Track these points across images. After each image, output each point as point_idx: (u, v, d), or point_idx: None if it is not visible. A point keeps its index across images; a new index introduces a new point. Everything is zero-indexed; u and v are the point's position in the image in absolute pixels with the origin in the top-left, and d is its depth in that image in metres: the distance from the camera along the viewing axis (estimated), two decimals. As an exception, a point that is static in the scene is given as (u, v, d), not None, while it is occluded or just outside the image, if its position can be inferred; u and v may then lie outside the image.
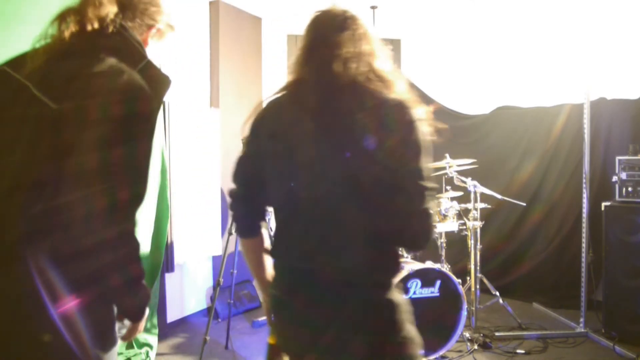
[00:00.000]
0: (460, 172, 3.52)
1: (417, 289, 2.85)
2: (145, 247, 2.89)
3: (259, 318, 3.80)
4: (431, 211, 1.09)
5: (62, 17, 1.14)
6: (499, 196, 3.57)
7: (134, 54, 1.12)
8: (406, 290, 2.82)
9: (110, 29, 1.12)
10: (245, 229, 1.37)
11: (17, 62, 1.14)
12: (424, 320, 2.05)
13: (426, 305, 2.83)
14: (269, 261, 1.36)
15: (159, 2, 1.25)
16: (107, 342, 1.19)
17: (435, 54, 4.90)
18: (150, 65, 1.13)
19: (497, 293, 3.59)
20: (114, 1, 1.16)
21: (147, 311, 1.30)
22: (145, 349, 2.95)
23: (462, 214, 3.48)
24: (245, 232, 1.37)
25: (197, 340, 3.32)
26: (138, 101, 1.05)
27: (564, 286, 4.04)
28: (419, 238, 1.11)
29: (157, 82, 1.13)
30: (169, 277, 3.58)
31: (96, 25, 1.11)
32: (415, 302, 2.81)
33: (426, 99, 4.55)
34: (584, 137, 3.47)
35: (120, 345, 2.02)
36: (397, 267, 1.16)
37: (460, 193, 3.53)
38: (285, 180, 1.18)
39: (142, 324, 1.27)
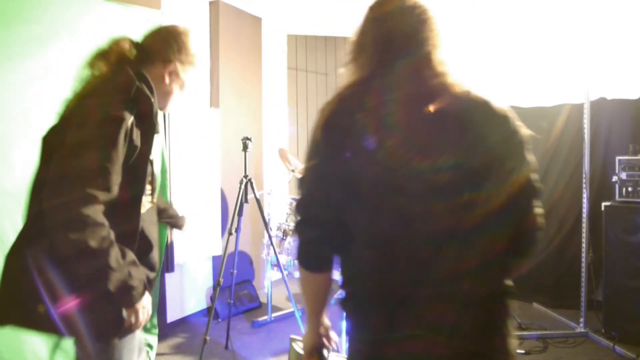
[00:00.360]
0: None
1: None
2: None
3: (259, 318, 3.80)
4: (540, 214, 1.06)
5: (92, 62, 1.41)
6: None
7: (126, 82, 1.34)
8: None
9: (119, 65, 1.40)
10: (318, 261, 1.13)
11: None
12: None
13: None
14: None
15: (180, 43, 1.51)
16: (110, 336, 1.38)
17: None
18: (138, 90, 1.34)
19: (497, 293, 3.58)
20: (133, 45, 1.47)
21: (148, 297, 1.41)
22: (145, 349, 2.95)
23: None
24: (316, 265, 1.14)
25: (197, 340, 3.32)
26: (85, 115, 1.30)
27: (564, 286, 4.04)
28: (534, 243, 1.08)
29: (143, 104, 1.36)
30: (169, 277, 3.58)
31: (113, 61, 1.41)
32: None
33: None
34: (584, 137, 3.47)
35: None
36: None
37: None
38: (394, 195, 1.02)
39: (140, 310, 1.38)
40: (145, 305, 1.40)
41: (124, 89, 1.33)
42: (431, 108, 1.01)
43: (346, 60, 1.14)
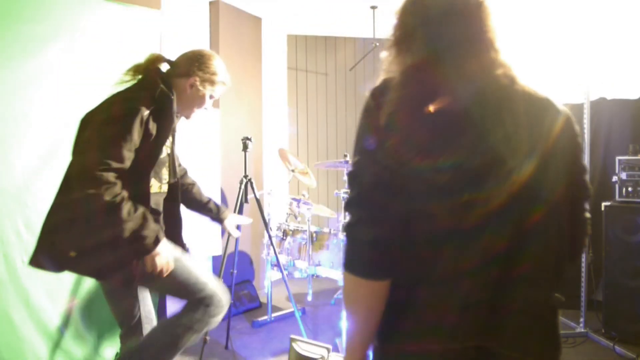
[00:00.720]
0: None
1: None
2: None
3: (259, 318, 3.80)
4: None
5: (129, 71, 1.79)
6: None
7: (152, 85, 1.73)
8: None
9: (147, 73, 1.78)
10: (380, 264, 0.94)
11: None
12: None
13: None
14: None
15: (201, 62, 1.85)
16: (132, 281, 1.70)
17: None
18: (162, 91, 1.72)
19: (497, 293, 3.58)
20: (163, 60, 1.86)
21: (165, 245, 1.67)
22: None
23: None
24: (378, 269, 0.95)
25: (197, 340, 3.31)
26: (111, 104, 1.70)
27: (563, 286, 4.04)
28: (582, 247, 1.09)
29: (162, 102, 1.72)
30: (169, 277, 3.57)
31: (143, 70, 1.78)
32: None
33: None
34: (583, 137, 3.47)
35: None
36: None
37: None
38: (459, 196, 0.92)
39: (157, 257, 1.64)
40: (161, 252, 1.64)
41: (146, 88, 1.71)
42: (505, 102, 0.99)
43: (389, 43, 1.04)
